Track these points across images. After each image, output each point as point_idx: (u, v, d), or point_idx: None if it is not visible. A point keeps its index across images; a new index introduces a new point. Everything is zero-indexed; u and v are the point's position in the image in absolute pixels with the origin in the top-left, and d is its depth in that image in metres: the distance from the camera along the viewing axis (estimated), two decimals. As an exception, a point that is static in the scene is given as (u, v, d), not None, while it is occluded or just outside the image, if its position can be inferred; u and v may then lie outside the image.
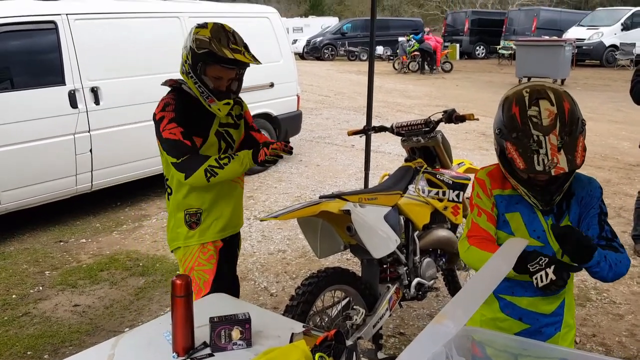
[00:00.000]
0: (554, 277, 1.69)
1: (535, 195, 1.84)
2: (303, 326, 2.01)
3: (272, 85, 7.21)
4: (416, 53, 19.32)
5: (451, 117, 3.18)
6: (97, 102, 5.43)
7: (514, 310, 1.99)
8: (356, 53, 25.32)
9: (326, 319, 2.77)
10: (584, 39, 19.16)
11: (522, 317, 1.99)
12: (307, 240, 2.94)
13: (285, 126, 7.54)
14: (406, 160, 3.33)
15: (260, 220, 3.30)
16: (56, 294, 4.25)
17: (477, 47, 24.32)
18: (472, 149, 8.58)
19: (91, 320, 3.88)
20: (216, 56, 2.37)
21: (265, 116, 7.26)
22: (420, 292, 3.15)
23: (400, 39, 20.72)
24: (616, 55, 19.13)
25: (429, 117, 3.27)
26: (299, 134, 8.15)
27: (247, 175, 7.09)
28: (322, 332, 1.90)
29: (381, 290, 2.96)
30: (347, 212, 2.71)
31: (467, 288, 1.15)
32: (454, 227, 3.39)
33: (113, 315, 3.94)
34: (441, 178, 3.19)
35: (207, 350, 1.92)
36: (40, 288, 4.33)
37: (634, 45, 18.65)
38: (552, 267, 1.70)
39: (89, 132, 5.39)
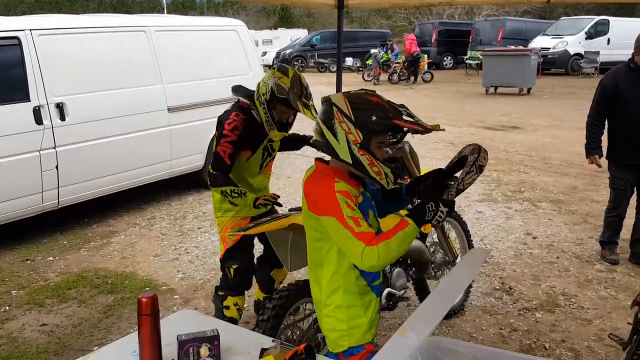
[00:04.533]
0: (447, 209, 2.00)
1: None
2: (273, 341, 2.01)
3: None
4: (397, 64, 19.47)
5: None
6: (62, 117, 5.34)
7: (378, 291, 2.19)
8: (326, 65, 25.47)
9: (297, 332, 2.77)
10: (549, 48, 19.61)
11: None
12: (278, 253, 2.93)
13: (256, 138, 7.51)
14: None
15: (229, 236, 3.30)
16: (23, 313, 4.15)
17: (445, 58, 24.69)
18: (442, 158, 8.67)
19: (59, 339, 3.80)
20: (290, 105, 2.97)
21: (236, 129, 7.22)
22: (391, 302, 3.17)
23: (372, 50, 20.91)
24: (581, 63, 19.61)
25: None
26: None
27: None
28: (291, 347, 1.89)
29: None
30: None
31: (430, 300, 1.17)
32: (423, 237, 3.42)
33: (82, 334, 3.86)
34: None
35: (176, 371, 1.90)
36: (7, 308, 4.23)
37: (597, 53, 19.15)
38: (440, 204, 1.99)
39: (54, 148, 5.30)
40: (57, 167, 5.34)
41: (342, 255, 2.05)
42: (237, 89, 3.31)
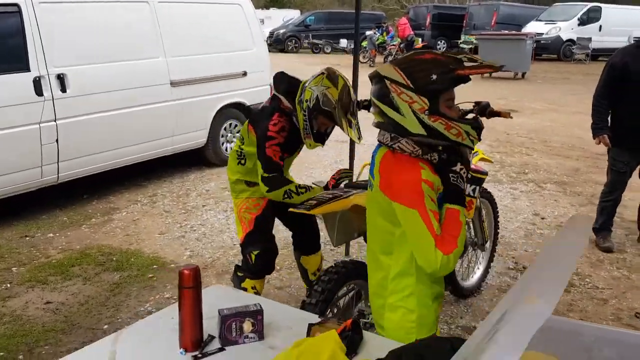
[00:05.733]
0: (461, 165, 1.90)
1: None
2: (319, 317, 1.90)
3: (244, 74, 7.03)
4: (392, 46, 19.28)
5: (484, 110, 3.05)
6: (63, 89, 5.15)
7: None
8: (320, 45, 25.19)
9: (336, 312, 2.66)
10: (543, 34, 19.55)
11: None
12: (326, 228, 2.86)
13: (258, 116, 7.36)
14: None
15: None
16: (25, 291, 4.01)
17: (439, 42, 24.53)
18: None
19: (66, 317, 3.66)
20: (334, 119, 2.78)
21: (238, 106, 7.07)
22: None
23: (367, 32, 20.68)
24: (573, 49, 19.60)
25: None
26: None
27: (218, 166, 6.93)
28: (339, 323, 1.79)
29: None
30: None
31: (537, 268, 1.06)
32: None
33: (89, 312, 3.73)
34: None
35: (217, 344, 1.79)
36: (8, 285, 4.08)
37: (590, 39, 19.15)
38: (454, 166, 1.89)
39: (55, 121, 5.11)
40: (57, 141, 5.16)
41: None
42: (281, 79, 3.05)
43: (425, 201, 1.79)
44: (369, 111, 3.20)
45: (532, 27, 19.89)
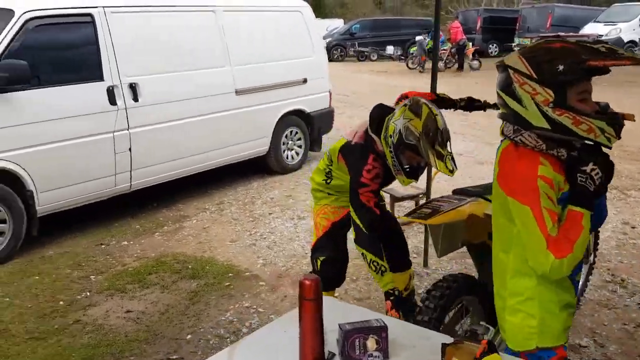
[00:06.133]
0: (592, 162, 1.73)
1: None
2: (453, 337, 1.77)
3: (305, 81, 6.98)
4: (443, 51, 19.03)
5: (604, 112, 2.87)
6: (135, 98, 5.20)
7: (577, 289, 1.89)
8: (366, 53, 25.03)
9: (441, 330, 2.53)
10: (602, 35, 18.87)
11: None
12: (432, 238, 2.74)
13: (318, 123, 7.31)
14: None
15: (399, 218, 3.03)
16: (105, 299, 4.02)
17: (490, 45, 24.03)
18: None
19: (148, 327, 3.65)
20: (418, 153, 2.55)
21: (298, 113, 7.03)
22: None
23: (417, 37, 20.43)
24: (635, 50, 18.83)
25: None
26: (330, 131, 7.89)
27: (280, 174, 6.90)
28: (476, 345, 1.66)
29: None
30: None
31: None
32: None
33: (171, 322, 3.71)
34: None
35: (339, 362, 1.69)
36: (88, 294, 4.10)
37: (652, 40, 18.39)
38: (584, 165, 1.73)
39: (128, 129, 5.17)
40: (130, 149, 5.21)
41: None
42: (377, 114, 2.80)
43: (540, 199, 1.68)
44: (469, 111, 3.05)
45: (591, 29, 19.23)
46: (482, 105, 3.19)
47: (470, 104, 3.20)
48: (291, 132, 7.04)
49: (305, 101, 7.05)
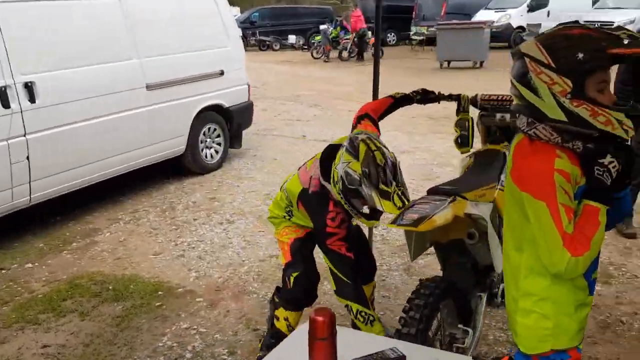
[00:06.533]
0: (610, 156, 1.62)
1: None
2: (473, 357, 1.52)
3: (222, 73, 6.52)
4: (346, 40, 18.98)
5: None
6: (32, 99, 4.53)
7: (593, 287, 1.80)
8: (267, 43, 24.59)
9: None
10: (494, 22, 19.67)
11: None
12: (407, 242, 2.49)
13: (238, 119, 6.88)
14: (492, 141, 2.92)
15: (388, 226, 2.71)
16: (15, 334, 3.44)
17: (388, 34, 24.43)
18: (426, 133, 8.34)
19: (72, 364, 3.13)
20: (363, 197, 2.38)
21: (216, 108, 6.56)
22: (503, 300, 2.75)
23: (321, 26, 20.32)
24: (524, 36, 19.81)
25: None
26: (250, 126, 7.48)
27: (199, 175, 6.42)
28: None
29: (473, 300, 2.49)
30: (470, 216, 2.26)
31: None
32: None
33: (99, 354, 3.21)
34: None
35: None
36: (-8, 330, 3.49)
37: (539, 25, 19.37)
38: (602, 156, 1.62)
39: (24, 135, 4.50)
40: (28, 158, 4.54)
41: None
42: (327, 155, 2.56)
43: (556, 193, 1.57)
44: (424, 104, 2.86)
45: (483, 16, 19.96)
46: (437, 97, 3.04)
47: (425, 97, 3.03)
48: (209, 129, 6.56)
49: (223, 95, 6.59)
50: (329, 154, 2.56)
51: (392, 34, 24.51)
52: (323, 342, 1.34)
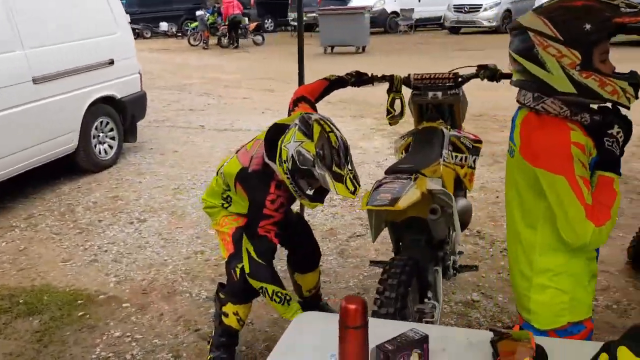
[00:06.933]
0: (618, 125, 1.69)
1: None
2: (490, 329, 1.54)
3: (112, 62, 6.10)
4: (224, 27, 18.51)
5: (494, 75, 2.82)
6: None
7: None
8: (137, 31, 23.35)
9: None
10: (372, 7, 20.22)
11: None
12: (369, 222, 2.48)
13: (131, 110, 6.49)
14: (427, 119, 2.96)
15: (363, 209, 2.58)
16: None
17: (266, 20, 24.29)
18: (344, 116, 8.23)
19: (-7, 391, 2.80)
20: (315, 178, 2.35)
21: (108, 100, 6.14)
22: (455, 272, 2.84)
23: (198, 12, 19.68)
24: (397, 21, 20.61)
25: (452, 71, 2.93)
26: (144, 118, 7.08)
27: (93, 173, 5.97)
28: (525, 337, 1.46)
29: (430, 275, 2.54)
30: (431, 192, 2.29)
31: None
32: (464, 195, 3.11)
33: (24, 377, 2.89)
34: (464, 141, 2.87)
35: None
36: None
37: (412, 10, 20.27)
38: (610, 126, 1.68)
39: None
40: None
41: None
42: (272, 134, 2.49)
43: (574, 166, 1.59)
44: (358, 86, 2.86)
45: (359, 1, 20.46)
46: (370, 79, 3.06)
47: (359, 79, 3.04)
48: (101, 122, 6.12)
49: (114, 86, 6.17)
50: (275, 132, 2.49)
51: (270, 19, 24.42)
52: (356, 331, 1.29)
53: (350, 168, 2.36)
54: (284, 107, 8.55)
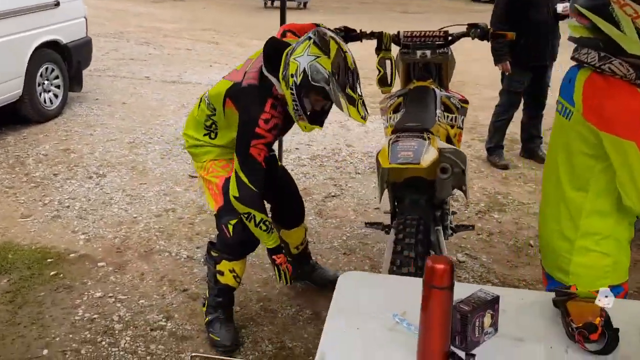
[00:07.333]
0: None
1: None
2: (556, 290, 1.57)
3: (57, 4, 5.65)
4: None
5: (485, 34, 2.81)
6: None
7: None
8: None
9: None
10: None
11: None
12: (378, 183, 2.47)
13: (77, 56, 6.08)
14: (418, 78, 2.92)
15: (388, 166, 2.45)
16: None
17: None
18: None
19: (-29, 357, 2.61)
20: (328, 96, 2.25)
21: (53, 45, 5.71)
22: (453, 232, 2.88)
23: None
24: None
25: (442, 29, 2.89)
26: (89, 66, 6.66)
27: (39, 123, 5.58)
28: (591, 297, 1.50)
29: (432, 235, 2.57)
30: (441, 151, 2.29)
31: None
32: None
33: (4, 339, 2.72)
34: (453, 102, 2.87)
35: (462, 353, 1.37)
36: None
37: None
38: None
39: None
40: None
41: None
42: (271, 49, 2.36)
43: None
44: (346, 42, 2.79)
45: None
46: (359, 35, 2.99)
47: (348, 35, 2.96)
48: (46, 69, 5.70)
49: (59, 30, 5.74)
50: (273, 46, 2.38)
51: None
52: (442, 292, 1.28)
53: (360, 93, 2.29)
54: (231, 61, 8.39)
